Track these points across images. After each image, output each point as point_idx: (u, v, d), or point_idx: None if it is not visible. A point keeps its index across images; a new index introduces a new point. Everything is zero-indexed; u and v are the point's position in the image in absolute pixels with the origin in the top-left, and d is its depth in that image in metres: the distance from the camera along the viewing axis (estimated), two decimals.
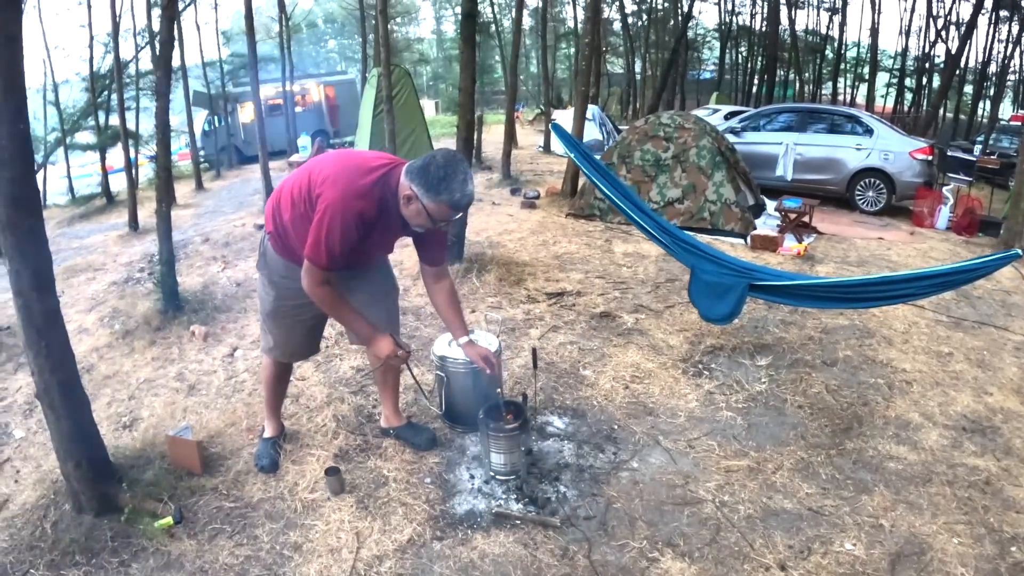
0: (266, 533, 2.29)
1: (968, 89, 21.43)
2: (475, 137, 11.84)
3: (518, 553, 2.14)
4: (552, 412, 3.04)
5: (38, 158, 10.25)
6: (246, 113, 14.26)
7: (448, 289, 2.46)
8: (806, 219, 6.72)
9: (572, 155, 3.95)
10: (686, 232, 3.93)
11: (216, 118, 13.87)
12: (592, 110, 14.03)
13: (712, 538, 2.23)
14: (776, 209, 6.90)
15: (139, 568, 2.15)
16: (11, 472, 2.88)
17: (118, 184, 10.90)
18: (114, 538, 2.24)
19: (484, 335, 2.87)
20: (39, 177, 11.13)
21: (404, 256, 5.39)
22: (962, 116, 20.81)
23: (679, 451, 2.75)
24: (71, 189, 12.15)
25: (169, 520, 2.30)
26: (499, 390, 2.55)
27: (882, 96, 25.63)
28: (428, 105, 28.45)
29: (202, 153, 13.57)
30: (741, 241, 6.23)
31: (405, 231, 2.24)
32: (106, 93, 9.65)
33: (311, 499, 2.45)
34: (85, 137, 10.82)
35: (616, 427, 2.92)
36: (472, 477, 2.53)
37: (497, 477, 2.47)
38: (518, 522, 2.27)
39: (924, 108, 18.21)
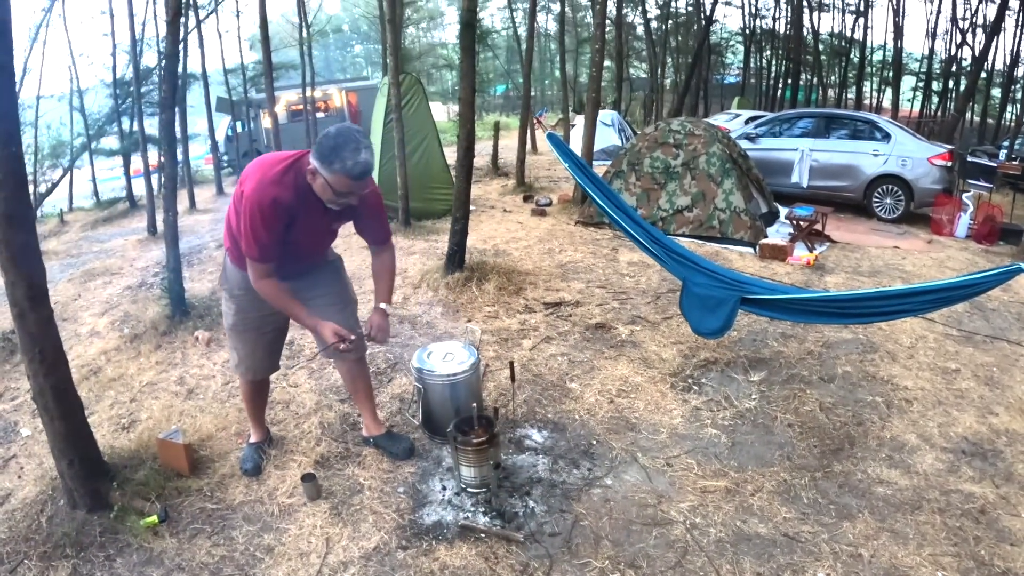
0: (242, 535, 2.36)
1: (996, 92, 20.75)
2: (493, 144, 11.99)
3: (478, 567, 2.15)
4: (532, 425, 3.04)
5: (64, 162, 10.64)
6: (268, 119, 14.52)
7: (386, 259, 2.52)
8: (818, 227, 6.60)
9: (566, 164, 3.94)
10: (679, 243, 3.89)
11: (239, 124, 14.16)
12: (611, 115, 14.01)
13: (677, 561, 2.20)
14: (786, 217, 6.79)
15: (123, 563, 2.25)
16: (15, 468, 3.02)
17: (141, 188, 11.23)
18: (103, 533, 2.35)
19: (458, 347, 2.89)
20: (65, 181, 11.57)
21: (408, 264, 5.46)
22: (990, 120, 20.16)
23: (656, 469, 2.72)
24: (96, 193, 12.51)
25: (154, 518, 2.40)
26: (475, 404, 2.57)
27: (908, 100, 24.99)
28: (453, 110, 28.60)
29: (225, 158, 13.86)
30: (750, 250, 6.14)
31: (331, 215, 2.27)
32: (130, 100, 9.93)
33: (288, 504, 2.51)
34: (110, 142, 11.15)
35: (595, 442, 2.90)
36: (444, 488, 2.55)
37: (468, 489, 2.49)
38: (482, 535, 2.28)
39: (950, 112, 17.70)
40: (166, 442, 2.75)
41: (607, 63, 15.96)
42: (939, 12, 21.29)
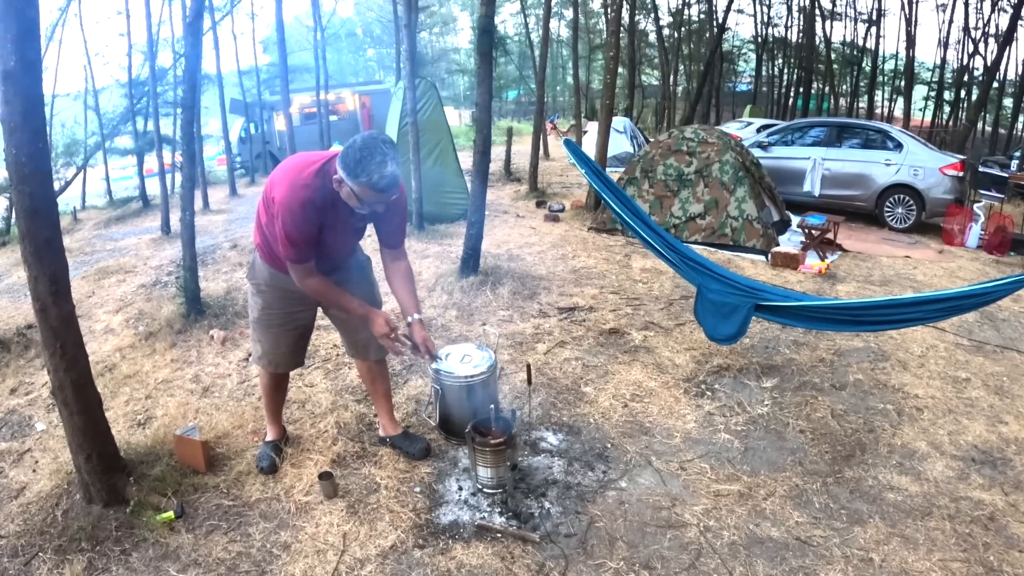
0: (259, 531, 2.38)
1: (1008, 102, 20.65)
2: (506, 149, 12.02)
3: (495, 566, 2.17)
4: (547, 428, 3.06)
5: (78, 161, 10.75)
6: (281, 121, 14.63)
7: (404, 270, 2.51)
8: (830, 236, 6.60)
9: (583, 171, 3.97)
10: (694, 250, 3.91)
11: (252, 125, 14.27)
12: (623, 122, 14.04)
13: (691, 563, 2.21)
14: (798, 226, 6.79)
15: (139, 557, 2.27)
16: (30, 462, 3.04)
17: (155, 187, 11.34)
18: (119, 528, 2.38)
19: (475, 349, 2.91)
20: (78, 179, 11.67)
21: (423, 267, 5.49)
22: (1001, 130, 20.07)
23: (670, 472, 2.73)
24: (109, 192, 12.62)
25: (170, 514, 2.42)
26: (492, 405, 2.59)
27: (920, 109, 24.93)
28: (465, 115, 28.76)
29: (238, 159, 13.96)
30: (762, 258, 6.15)
31: (357, 216, 2.29)
32: (145, 99, 10.04)
33: (305, 501, 2.54)
34: (124, 141, 11.28)
35: (609, 445, 2.92)
36: (460, 489, 2.57)
37: (484, 490, 2.51)
38: (499, 535, 2.30)
39: (962, 121, 17.63)
40: (183, 438, 2.78)
41: (620, 70, 16.02)
42: (951, 22, 21.24)
